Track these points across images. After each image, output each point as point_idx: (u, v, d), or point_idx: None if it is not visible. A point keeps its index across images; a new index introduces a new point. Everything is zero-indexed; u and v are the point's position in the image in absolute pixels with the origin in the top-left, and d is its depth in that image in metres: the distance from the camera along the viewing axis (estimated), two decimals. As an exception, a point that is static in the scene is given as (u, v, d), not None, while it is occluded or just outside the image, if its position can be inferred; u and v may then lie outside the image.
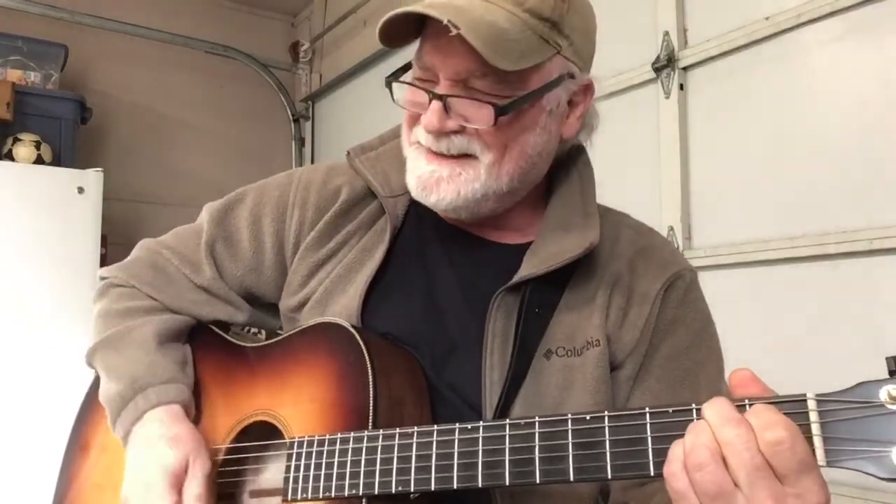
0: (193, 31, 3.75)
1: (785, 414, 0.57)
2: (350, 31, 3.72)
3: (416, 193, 0.87)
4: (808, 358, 1.69)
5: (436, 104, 0.81)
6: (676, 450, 0.60)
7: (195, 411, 0.94)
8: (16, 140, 2.84)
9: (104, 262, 2.85)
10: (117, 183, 3.28)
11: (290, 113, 4.09)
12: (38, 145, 2.86)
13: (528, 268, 0.86)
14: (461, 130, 0.82)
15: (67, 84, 3.27)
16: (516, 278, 0.85)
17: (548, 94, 0.84)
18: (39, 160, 2.84)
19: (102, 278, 1.04)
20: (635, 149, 2.15)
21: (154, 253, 1.02)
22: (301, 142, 4.11)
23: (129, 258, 1.05)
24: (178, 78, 3.80)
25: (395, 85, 0.88)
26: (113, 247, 2.95)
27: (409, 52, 0.88)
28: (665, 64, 2.07)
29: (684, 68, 2.05)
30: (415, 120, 0.86)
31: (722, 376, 0.91)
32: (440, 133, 0.82)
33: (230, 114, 3.94)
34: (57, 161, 2.92)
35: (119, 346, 0.95)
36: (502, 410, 0.82)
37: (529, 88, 0.82)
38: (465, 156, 0.83)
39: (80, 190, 2.80)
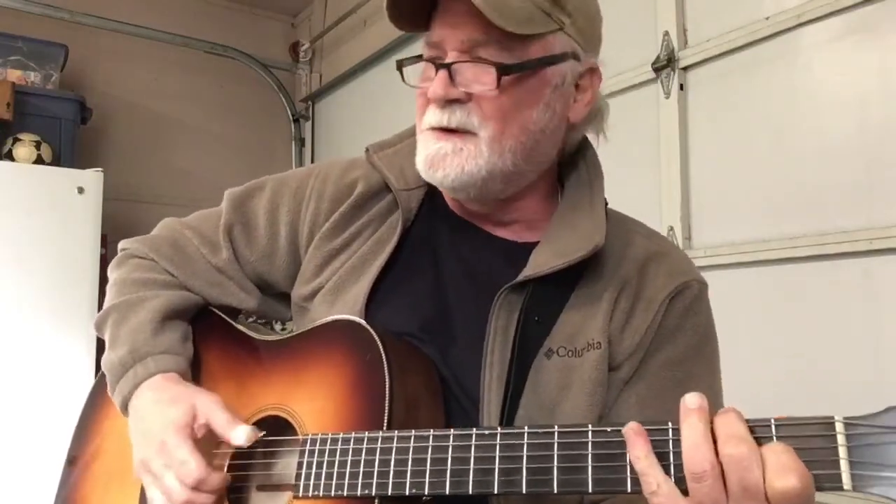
0: (193, 31, 3.75)
1: (812, 437, 0.57)
2: (350, 31, 3.72)
3: (423, 172, 0.88)
4: (808, 358, 1.68)
5: (442, 73, 0.83)
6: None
7: None
8: (16, 140, 2.84)
9: (104, 262, 2.85)
10: (117, 183, 3.28)
11: (290, 113, 4.09)
12: (38, 145, 2.86)
13: (533, 267, 0.86)
14: (464, 101, 0.84)
15: (67, 84, 3.27)
16: (521, 277, 0.85)
17: (551, 67, 0.85)
18: (39, 160, 2.84)
19: (122, 249, 1.07)
20: (635, 149, 2.14)
21: (175, 231, 1.05)
22: (301, 142, 4.11)
23: (151, 234, 1.07)
24: (178, 78, 3.80)
25: (408, 71, 0.90)
26: (113, 247, 2.93)
27: (410, 50, 0.89)
28: (665, 64, 2.07)
29: (684, 68, 2.05)
30: (425, 106, 0.88)
31: (714, 394, 0.89)
32: (444, 102, 0.84)
33: (230, 114, 3.94)
34: (57, 161, 2.92)
35: (128, 313, 0.96)
36: (504, 410, 0.82)
37: (532, 58, 0.84)
38: (467, 132, 0.84)
39: (80, 190, 2.80)
